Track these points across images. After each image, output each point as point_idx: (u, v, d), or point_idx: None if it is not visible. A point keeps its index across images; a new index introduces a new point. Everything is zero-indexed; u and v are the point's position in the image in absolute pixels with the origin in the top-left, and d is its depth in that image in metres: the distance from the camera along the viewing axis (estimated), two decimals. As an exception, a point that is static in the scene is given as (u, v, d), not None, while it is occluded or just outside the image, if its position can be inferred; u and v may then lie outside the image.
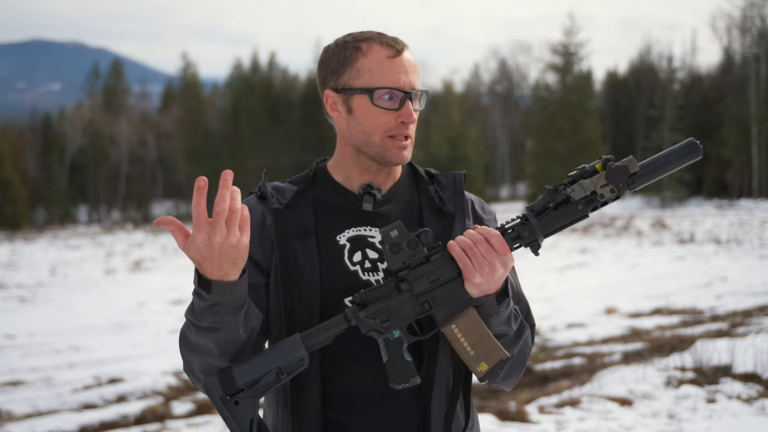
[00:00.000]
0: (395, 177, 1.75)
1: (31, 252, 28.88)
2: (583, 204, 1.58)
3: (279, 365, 1.52)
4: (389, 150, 1.66)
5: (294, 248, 1.64)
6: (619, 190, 1.57)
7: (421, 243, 1.56)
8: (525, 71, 64.53)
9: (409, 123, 1.65)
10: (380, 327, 1.55)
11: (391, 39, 1.67)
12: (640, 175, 1.59)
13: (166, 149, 57.29)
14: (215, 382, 1.51)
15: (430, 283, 1.56)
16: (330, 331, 1.55)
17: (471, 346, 1.57)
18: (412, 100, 1.66)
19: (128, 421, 7.03)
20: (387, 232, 1.55)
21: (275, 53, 61.58)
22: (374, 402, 1.64)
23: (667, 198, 44.91)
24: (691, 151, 1.60)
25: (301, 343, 1.53)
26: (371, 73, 1.64)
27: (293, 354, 1.52)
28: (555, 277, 16.88)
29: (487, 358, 1.57)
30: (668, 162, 1.60)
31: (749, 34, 48.30)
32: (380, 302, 1.56)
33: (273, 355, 1.52)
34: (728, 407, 5.78)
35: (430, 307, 1.57)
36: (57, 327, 12.34)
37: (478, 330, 1.57)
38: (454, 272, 1.57)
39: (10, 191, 45.69)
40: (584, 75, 49.08)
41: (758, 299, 11.92)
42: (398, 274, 1.57)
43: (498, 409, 5.99)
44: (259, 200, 1.72)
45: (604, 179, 1.57)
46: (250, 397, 1.51)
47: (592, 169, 1.58)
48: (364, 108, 1.65)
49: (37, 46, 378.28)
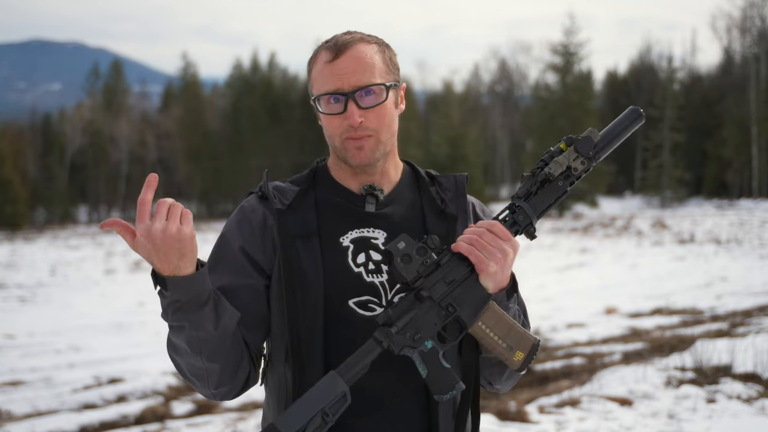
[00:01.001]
0: (390, 177, 1.74)
1: (31, 252, 28.88)
2: (562, 180, 1.64)
3: (322, 407, 1.48)
4: (348, 152, 1.66)
5: (297, 249, 1.63)
6: (588, 161, 1.65)
7: (429, 248, 1.56)
8: (525, 71, 64.54)
9: (354, 125, 1.62)
10: (412, 342, 1.54)
11: (337, 42, 1.65)
12: (601, 147, 1.68)
13: (166, 149, 57.25)
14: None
15: (447, 286, 1.56)
16: (365, 359, 1.52)
17: (502, 339, 1.58)
18: (357, 99, 1.62)
19: (128, 421, 7.03)
20: (395, 245, 1.55)
21: (275, 53, 61.62)
22: (378, 405, 1.63)
23: (667, 198, 44.91)
24: (636, 118, 1.72)
25: (339, 378, 1.50)
26: (315, 81, 1.67)
27: (334, 392, 1.49)
28: (555, 277, 16.87)
29: (521, 346, 1.58)
30: (621, 130, 1.71)
31: (749, 34, 48.31)
32: (406, 316, 1.54)
33: (313, 398, 1.49)
34: (728, 407, 5.78)
35: (455, 309, 1.56)
36: (57, 327, 12.34)
37: (504, 321, 1.58)
38: (467, 270, 1.57)
39: (10, 191, 45.65)
40: (584, 75, 49.07)
41: (758, 299, 11.93)
42: (414, 284, 1.56)
43: (498, 409, 5.99)
44: (260, 200, 1.72)
45: (574, 152, 1.65)
46: None
47: (558, 149, 1.66)
48: (320, 115, 1.67)
49: (37, 46, 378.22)
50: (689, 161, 47.09)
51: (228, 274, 1.66)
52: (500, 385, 1.73)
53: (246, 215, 1.70)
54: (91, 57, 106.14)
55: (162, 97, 67.99)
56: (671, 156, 46.45)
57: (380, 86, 1.64)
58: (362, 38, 1.67)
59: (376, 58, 1.66)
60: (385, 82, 1.65)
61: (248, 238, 1.68)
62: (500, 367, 1.69)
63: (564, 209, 44.00)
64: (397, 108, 1.71)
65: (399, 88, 1.72)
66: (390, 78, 1.67)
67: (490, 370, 1.70)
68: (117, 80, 64.04)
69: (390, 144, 1.70)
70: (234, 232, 1.70)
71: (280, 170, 49.88)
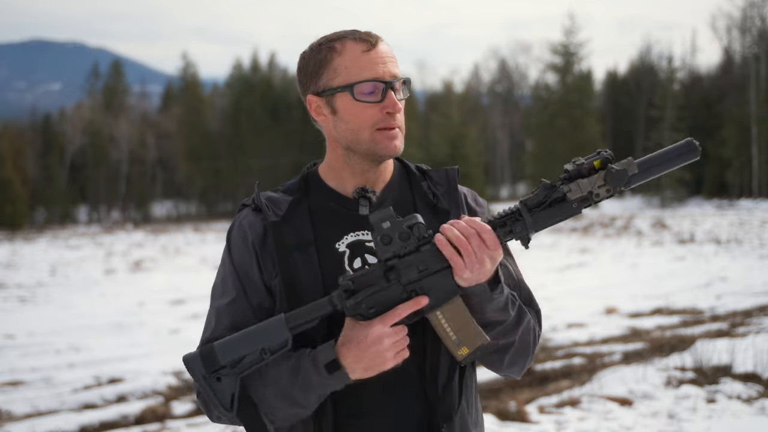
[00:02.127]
0: (386, 176, 1.74)
1: (31, 252, 28.88)
2: (577, 202, 1.57)
3: (263, 346, 1.52)
4: (380, 143, 1.64)
5: (295, 260, 1.63)
6: (615, 189, 1.56)
7: (413, 235, 1.55)
8: (525, 71, 64.55)
9: (395, 113, 1.63)
10: (365, 312, 1.54)
11: (363, 33, 1.66)
12: (637, 175, 1.57)
13: (166, 149, 57.24)
14: (197, 360, 1.52)
15: (419, 273, 1.55)
16: (314, 314, 1.54)
17: (454, 332, 1.57)
18: (395, 90, 1.64)
19: (128, 421, 7.03)
20: (378, 223, 1.54)
21: (275, 53, 61.68)
22: (381, 402, 1.64)
23: (667, 198, 44.92)
24: (689, 151, 1.58)
25: (285, 325, 1.52)
26: (348, 70, 1.63)
27: (279, 336, 1.52)
28: (555, 277, 16.87)
29: (468, 343, 1.58)
30: (665, 161, 1.59)
31: (749, 34, 48.31)
32: (368, 290, 1.54)
33: (258, 335, 1.53)
34: (728, 407, 5.78)
35: (417, 294, 1.56)
36: (57, 327, 12.34)
37: (463, 316, 1.58)
38: (444, 263, 1.55)
39: (10, 191, 45.67)
40: (584, 75, 49.10)
41: (758, 299, 11.93)
42: (387, 262, 1.56)
43: (498, 409, 5.99)
44: (256, 213, 1.71)
45: (602, 180, 1.55)
46: (234, 374, 1.52)
47: (590, 165, 1.56)
48: (347, 106, 1.64)
49: (37, 46, 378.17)
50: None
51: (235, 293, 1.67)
52: (505, 371, 1.72)
53: (245, 231, 1.70)
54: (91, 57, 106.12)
55: (162, 97, 68.02)
56: (671, 156, 46.36)
57: (407, 80, 1.68)
58: (379, 36, 1.69)
59: (395, 56, 1.69)
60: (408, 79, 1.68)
61: (252, 256, 1.68)
62: (499, 354, 1.67)
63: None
64: None
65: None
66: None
67: (489, 357, 1.68)
68: (117, 80, 64.05)
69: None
70: (236, 251, 1.70)
71: (280, 170, 49.92)
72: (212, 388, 1.52)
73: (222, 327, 1.65)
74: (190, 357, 1.53)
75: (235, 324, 1.64)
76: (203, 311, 13.04)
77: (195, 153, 54.92)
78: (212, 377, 1.52)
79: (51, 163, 55.16)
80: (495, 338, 1.63)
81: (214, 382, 1.52)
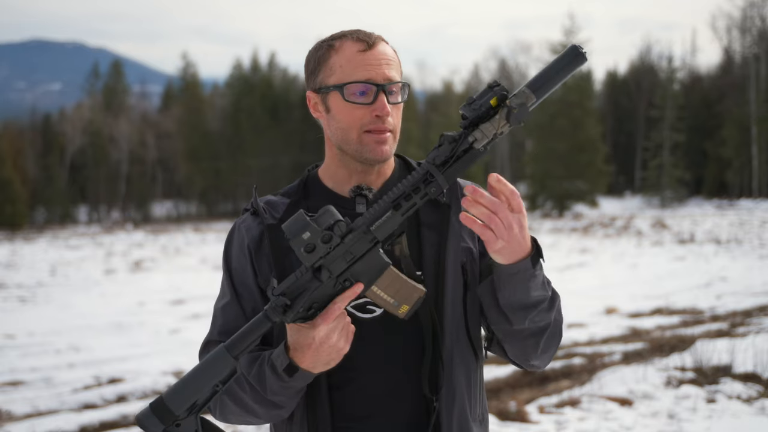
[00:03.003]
0: (386, 175, 1.73)
1: (31, 252, 28.87)
2: (484, 146, 1.52)
3: (213, 383, 1.47)
4: (367, 146, 1.63)
5: (291, 263, 1.63)
6: (518, 124, 1.51)
7: (335, 235, 1.49)
8: (525, 71, 64.50)
9: (384, 116, 1.61)
10: (305, 314, 1.51)
11: (364, 34, 1.65)
12: (535, 101, 1.53)
13: (166, 149, 57.23)
14: (151, 419, 1.45)
15: (347, 263, 1.51)
16: (254, 334, 1.50)
17: (392, 297, 1.55)
18: (387, 93, 1.62)
19: (128, 421, 7.03)
20: (298, 234, 1.47)
21: (275, 53, 61.67)
22: (380, 405, 1.64)
23: (667, 198, 44.92)
24: (576, 57, 1.54)
25: (228, 355, 1.47)
26: (342, 69, 1.62)
27: (224, 369, 1.47)
28: (555, 277, 16.82)
29: (407, 300, 1.55)
30: (555, 73, 1.54)
31: (749, 34, 48.31)
32: (303, 295, 1.50)
33: (204, 374, 1.47)
34: (728, 407, 5.78)
35: (351, 282, 1.52)
36: (57, 327, 12.33)
37: (397, 281, 1.54)
38: (369, 244, 1.52)
39: (10, 191, 45.65)
40: (584, 75, 49.06)
41: (758, 299, 11.93)
42: (314, 265, 1.50)
43: (498, 409, 6.00)
44: (254, 217, 1.71)
45: (505, 119, 1.50)
46: (191, 416, 1.47)
47: (487, 105, 1.50)
48: (339, 105, 1.63)
49: (37, 46, 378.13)
50: (689, 161, 47.11)
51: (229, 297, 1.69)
52: (537, 359, 1.69)
53: (242, 235, 1.71)
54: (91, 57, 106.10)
55: (162, 97, 67.99)
56: (671, 156, 46.45)
57: (405, 85, 1.66)
58: (381, 37, 1.68)
59: (396, 58, 1.68)
60: (406, 82, 1.67)
61: (247, 260, 1.69)
62: (535, 339, 1.63)
63: (564, 209, 44.03)
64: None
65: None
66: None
67: (523, 344, 1.64)
68: (117, 80, 64.04)
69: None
70: (232, 256, 1.72)
71: (280, 170, 49.92)
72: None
73: (215, 331, 1.70)
74: (142, 416, 1.45)
75: (225, 328, 1.66)
76: (203, 311, 13.05)
77: (195, 153, 54.91)
78: (172, 427, 1.46)
79: (51, 163, 55.14)
80: (534, 321, 1.60)
81: (174, 430, 1.46)
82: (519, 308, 1.57)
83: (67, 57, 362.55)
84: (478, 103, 1.51)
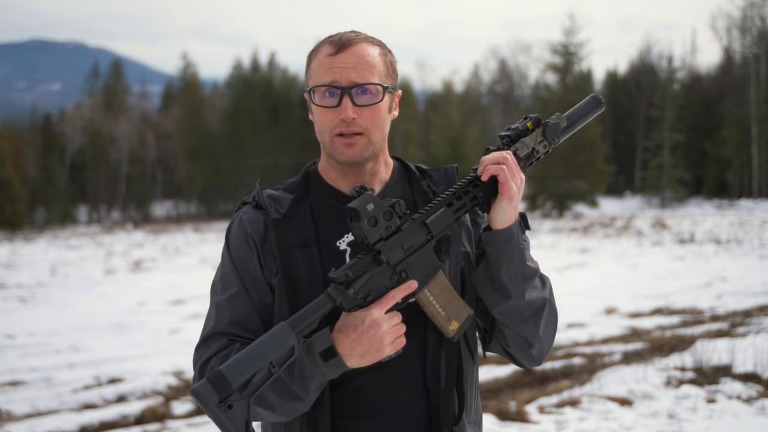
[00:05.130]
0: (381, 177, 1.74)
1: (31, 252, 28.86)
2: (524, 161, 1.69)
3: (271, 359, 1.45)
4: (337, 148, 1.65)
5: (296, 259, 1.63)
6: (551, 144, 1.72)
7: (396, 213, 1.56)
8: (525, 71, 64.52)
9: (346, 120, 1.62)
10: (363, 302, 1.53)
11: (339, 37, 1.66)
12: (566, 128, 1.76)
13: (166, 149, 57.21)
14: (208, 388, 1.41)
15: (404, 252, 1.57)
16: (316, 313, 1.51)
17: (442, 308, 1.60)
18: (353, 96, 1.62)
19: (128, 421, 7.03)
20: (363, 206, 1.53)
21: (275, 53, 61.64)
22: (380, 403, 1.64)
23: (667, 198, 44.93)
24: (596, 106, 1.81)
25: (291, 332, 1.47)
26: (314, 73, 1.66)
27: (284, 344, 1.46)
28: (555, 277, 16.82)
29: (457, 317, 1.61)
30: (581, 116, 1.79)
31: (749, 34, 48.31)
32: (363, 278, 1.53)
33: (264, 349, 1.45)
34: (728, 407, 5.78)
35: (407, 275, 1.57)
36: (57, 327, 12.33)
37: (447, 291, 1.61)
38: (424, 238, 1.59)
39: (10, 191, 45.63)
40: (584, 75, 49.08)
41: (758, 299, 11.94)
42: (374, 246, 1.55)
43: (498, 409, 5.99)
44: (256, 210, 1.71)
45: (541, 136, 1.71)
46: (244, 398, 1.43)
47: (525, 127, 1.71)
48: (313, 108, 1.68)
49: (37, 46, 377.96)
50: (689, 161, 47.12)
51: (237, 288, 1.67)
52: (538, 343, 1.71)
53: (245, 228, 1.69)
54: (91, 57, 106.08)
55: (162, 97, 67.96)
56: (671, 156, 46.47)
57: (377, 86, 1.64)
58: (366, 38, 1.68)
59: (377, 59, 1.67)
60: (383, 84, 1.65)
61: (252, 252, 1.68)
62: (535, 319, 1.68)
63: (564, 209, 44.03)
64: (390, 113, 1.71)
65: (395, 93, 1.72)
66: (388, 81, 1.68)
67: (524, 326, 1.68)
68: (117, 80, 64.02)
69: (380, 146, 1.70)
70: (236, 247, 1.70)
71: (281, 170, 49.89)
72: (227, 418, 1.42)
73: (223, 322, 1.64)
74: (200, 387, 1.41)
75: (235, 319, 1.64)
76: (203, 311, 13.03)
77: (195, 153, 54.90)
78: (224, 406, 1.42)
79: (51, 163, 55.11)
80: (532, 296, 1.66)
81: (226, 411, 1.42)
82: (518, 278, 1.63)
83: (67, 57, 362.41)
84: (517, 126, 1.72)
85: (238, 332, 1.63)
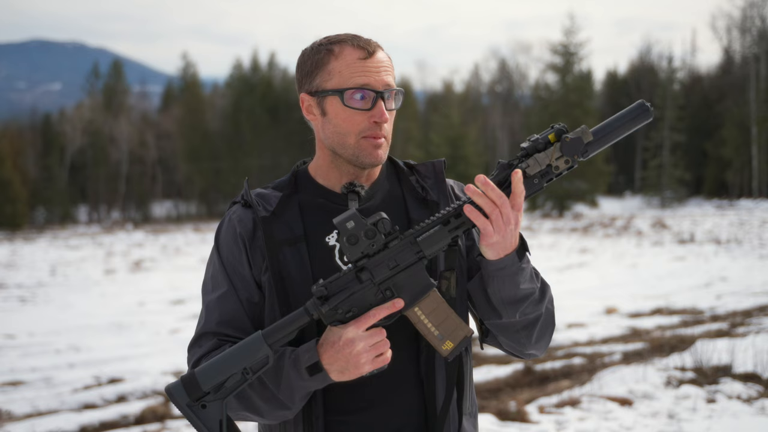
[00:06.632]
0: (373, 175, 1.75)
1: (31, 252, 28.86)
2: (538, 178, 1.58)
3: (245, 366, 1.50)
4: (364, 150, 1.65)
5: (285, 256, 1.64)
6: (573, 161, 1.58)
7: (379, 231, 1.54)
8: (525, 71, 64.51)
9: (382, 122, 1.64)
10: (343, 317, 1.53)
11: (363, 41, 1.67)
12: (594, 143, 1.59)
13: (166, 149, 57.24)
14: (179, 389, 1.49)
15: (390, 270, 1.54)
16: (292, 326, 1.53)
17: (435, 327, 1.56)
18: (385, 100, 1.64)
19: (128, 421, 7.03)
20: (343, 223, 1.52)
21: (275, 53, 61.63)
22: (373, 398, 1.64)
23: (667, 198, 44.92)
24: (642, 113, 1.60)
25: (264, 342, 1.51)
26: (341, 75, 1.64)
27: (257, 353, 1.50)
28: (555, 277, 16.85)
29: (452, 337, 1.57)
30: (621, 125, 1.61)
31: (749, 34, 48.31)
32: (342, 293, 1.53)
33: (237, 355, 1.50)
34: (728, 407, 5.78)
35: (393, 293, 1.55)
36: (57, 327, 12.33)
37: (442, 310, 1.57)
38: (414, 257, 1.55)
39: (10, 191, 45.62)
40: (584, 75, 49.08)
41: (758, 299, 11.94)
42: (357, 263, 1.54)
43: (498, 409, 5.99)
44: (245, 209, 1.71)
45: (559, 152, 1.57)
46: (218, 399, 1.49)
47: (545, 140, 1.58)
48: (336, 110, 1.65)
49: (37, 46, 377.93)
50: (689, 161, 47.12)
51: (225, 287, 1.69)
52: (533, 348, 1.71)
53: (234, 227, 1.70)
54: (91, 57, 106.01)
55: (162, 97, 67.97)
56: (671, 156, 46.47)
57: (401, 92, 1.68)
58: (378, 45, 1.70)
59: (391, 65, 1.70)
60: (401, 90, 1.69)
61: (241, 251, 1.68)
62: (527, 331, 1.66)
63: (564, 209, 44.03)
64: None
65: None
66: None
67: (516, 336, 1.67)
68: (117, 80, 64.01)
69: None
70: (225, 246, 1.71)
71: (281, 170, 49.87)
72: (198, 416, 1.49)
73: (212, 322, 1.67)
74: (172, 387, 1.50)
75: (224, 318, 1.66)
76: (203, 311, 13.03)
77: (195, 153, 54.90)
78: (197, 405, 1.49)
79: (51, 163, 55.12)
80: (525, 313, 1.63)
81: (199, 410, 1.49)
82: (509, 302, 1.60)
83: (67, 57, 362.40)
84: (538, 138, 1.59)
85: (227, 332, 1.65)
